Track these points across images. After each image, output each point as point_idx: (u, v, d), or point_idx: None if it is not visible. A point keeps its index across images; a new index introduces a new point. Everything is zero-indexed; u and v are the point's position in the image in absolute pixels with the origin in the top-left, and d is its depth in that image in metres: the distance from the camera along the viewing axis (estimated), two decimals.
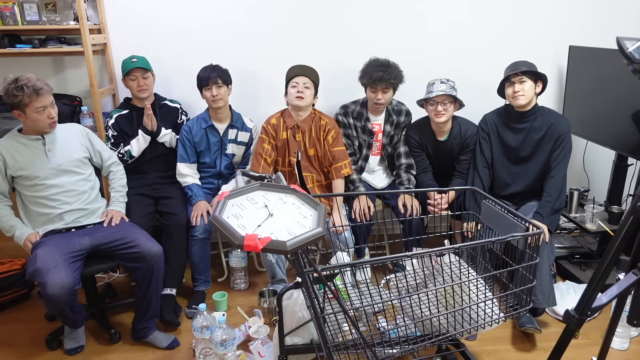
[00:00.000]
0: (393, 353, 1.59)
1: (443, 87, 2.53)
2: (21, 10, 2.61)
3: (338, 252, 2.36)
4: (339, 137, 2.71)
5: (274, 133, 2.68)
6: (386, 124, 2.81)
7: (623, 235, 1.32)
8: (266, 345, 2.26)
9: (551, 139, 2.48)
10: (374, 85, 2.61)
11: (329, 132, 2.67)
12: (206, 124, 2.70)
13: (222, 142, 2.74)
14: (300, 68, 2.61)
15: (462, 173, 2.73)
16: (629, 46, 1.19)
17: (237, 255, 2.78)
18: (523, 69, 2.43)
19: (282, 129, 2.69)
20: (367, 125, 2.79)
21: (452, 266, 1.89)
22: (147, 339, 2.32)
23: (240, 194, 1.41)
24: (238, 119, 2.77)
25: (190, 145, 2.70)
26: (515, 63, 2.49)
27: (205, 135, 2.71)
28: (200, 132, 2.70)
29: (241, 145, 2.79)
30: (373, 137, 2.81)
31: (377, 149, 2.86)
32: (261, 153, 2.67)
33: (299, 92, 2.55)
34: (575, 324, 1.42)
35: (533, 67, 2.46)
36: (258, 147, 2.71)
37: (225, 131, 2.74)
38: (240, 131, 2.77)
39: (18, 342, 2.38)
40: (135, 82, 2.62)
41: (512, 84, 2.46)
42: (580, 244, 3.09)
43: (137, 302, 2.28)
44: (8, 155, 2.16)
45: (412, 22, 3.01)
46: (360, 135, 2.81)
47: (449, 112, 2.58)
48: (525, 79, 2.42)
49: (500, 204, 1.76)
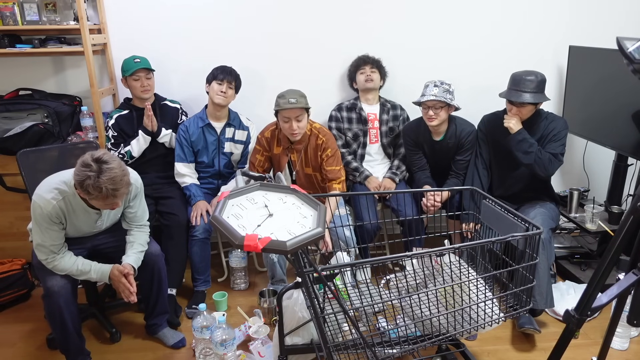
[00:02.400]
0: (393, 353, 1.59)
1: (435, 92, 2.52)
2: (21, 10, 2.61)
3: (338, 252, 2.36)
4: (335, 156, 2.59)
5: (267, 147, 2.65)
6: (382, 113, 2.89)
7: (623, 235, 1.32)
8: (266, 345, 2.26)
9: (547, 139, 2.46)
10: (362, 64, 2.83)
11: (324, 150, 2.58)
12: (203, 122, 2.70)
13: (220, 140, 2.74)
14: (288, 102, 2.40)
15: (457, 173, 2.73)
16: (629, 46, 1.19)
17: (237, 255, 2.78)
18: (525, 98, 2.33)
19: (275, 145, 2.64)
20: (362, 113, 2.87)
21: (452, 266, 1.89)
22: (156, 335, 2.34)
23: (240, 194, 1.41)
24: (235, 117, 2.78)
25: (187, 145, 2.70)
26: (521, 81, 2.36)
27: (202, 134, 2.71)
28: (197, 131, 2.70)
29: (239, 144, 2.79)
30: (368, 125, 2.87)
31: (375, 136, 2.91)
32: (254, 162, 2.69)
33: (294, 130, 2.46)
34: (575, 324, 1.42)
35: (539, 86, 2.36)
36: (252, 155, 2.71)
37: (223, 130, 2.74)
38: (238, 129, 2.77)
39: (18, 342, 2.38)
40: (139, 82, 2.62)
41: (512, 106, 2.42)
42: (580, 244, 3.09)
43: (143, 300, 2.30)
44: (63, 217, 1.97)
45: (412, 22, 3.01)
46: (355, 125, 2.88)
47: (440, 116, 2.57)
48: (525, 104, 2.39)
49: (500, 204, 1.76)
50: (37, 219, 1.92)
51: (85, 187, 1.76)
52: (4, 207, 2.85)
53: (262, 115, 2.98)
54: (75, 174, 1.80)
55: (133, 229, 2.20)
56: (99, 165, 1.76)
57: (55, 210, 1.91)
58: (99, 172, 1.75)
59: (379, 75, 2.86)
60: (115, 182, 1.77)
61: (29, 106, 2.68)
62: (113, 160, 1.81)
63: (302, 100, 2.43)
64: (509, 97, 2.41)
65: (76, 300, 2.06)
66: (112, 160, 1.80)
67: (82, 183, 1.77)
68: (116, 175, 1.77)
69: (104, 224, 2.15)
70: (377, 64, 2.87)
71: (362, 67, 2.84)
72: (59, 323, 2.01)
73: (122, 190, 1.82)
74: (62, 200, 1.92)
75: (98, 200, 1.83)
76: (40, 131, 2.65)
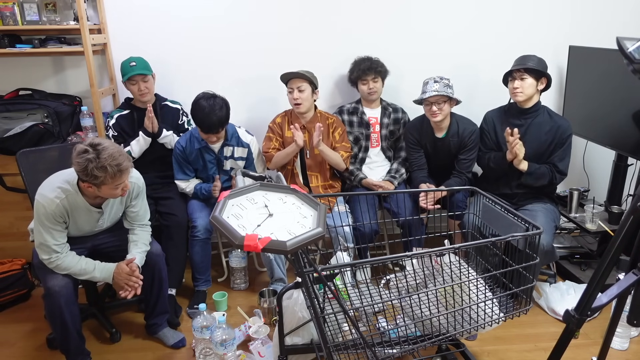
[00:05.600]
0: (393, 353, 1.59)
1: (436, 87, 2.54)
2: (21, 10, 2.61)
3: (338, 252, 2.36)
4: (344, 135, 2.80)
5: (279, 131, 2.74)
6: (384, 117, 2.89)
7: (623, 235, 1.32)
8: (266, 345, 2.26)
9: (553, 141, 2.49)
10: (364, 76, 2.77)
11: (335, 129, 2.77)
12: (199, 144, 2.61)
13: (219, 159, 2.67)
14: (291, 73, 2.63)
15: (459, 172, 2.73)
16: (629, 46, 1.19)
17: (237, 255, 2.78)
18: (527, 65, 2.42)
19: (286, 128, 2.74)
20: (364, 117, 2.87)
21: (452, 266, 1.89)
22: (156, 334, 2.34)
23: (240, 194, 1.41)
24: (232, 135, 2.64)
25: (185, 163, 2.65)
26: (524, 57, 2.50)
27: (199, 154, 2.63)
28: (194, 151, 2.62)
29: (240, 161, 2.71)
30: (370, 129, 2.87)
31: (376, 140, 2.91)
32: (267, 151, 2.73)
33: (296, 99, 2.63)
34: (575, 324, 1.42)
35: (540, 63, 2.45)
36: (264, 146, 2.75)
37: (220, 149, 2.65)
38: (237, 147, 2.67)
39: (18, 342, 2.38)
40: (136, 86, 2.61)
41: (514, 79, 2.47)
42: (580, 244, 3.09)
43: (144, 300, 2.30)
44: (66, 216, 1.99)
45: (413, 25, 3.01)
46: (356, 129, 2.88)
47: (444, 111, 2.59)
48: (527, 76, 2.43)
49: (500, 204, 1.76)
50: (40, 219, 1.92)
51: (90, 172, 1.78)
52: (4, 207, 2.85)
53: (262, 118, 2.98)
54: (75, 164, 1.81)
55: (136, 228, 2.20)
56: (94, 147, 1.80)
57: (58, 209, 1.91)
58: (97, 153, 1.78)
59: (381, 83, 2.83)
60: (115, 157, 1.80)
61: (29, 106, 2.68)
62: (104, 140, 1.85)
63: (306, 73, 2.62)
64: (511, 69, 2.49)
65: (77, 300, 2.06)
66: (103, 141, 1.85)
67: (85, 170, 1.78)
68: (114, 152, 1.81)
69: (105, 223, 2.15)
70: (378, 71, 2.78)
71: (363, 78, 2.78)
72: (59, 323, 2.00)
73: (125, 163, 1.84)
74: (65, 199, 1.93)
75: (107, 184, 1.84)
76: (40, 131, 2.65)
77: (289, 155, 2.68)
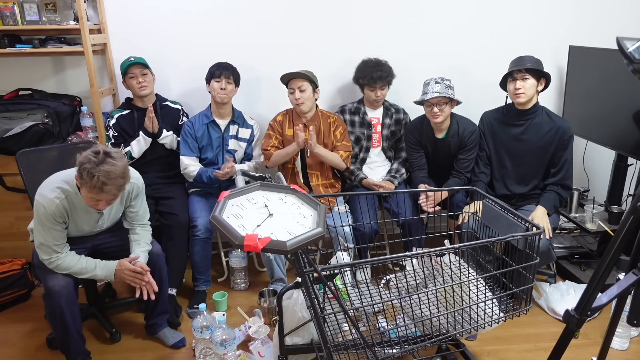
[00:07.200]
0: (393, 353, 1.59)
1: (438, 88, 2.54)
2: (21, 10, 2.61)
3: (338, 252, 2.36)
4: (345, 134, 2.79)
5: (280, 129, 2.76)
6: (385, 117, 2.89)
7: (623, 235, 1.32)
8: (266, 345, 2.26)
9: (553, 143, 2.48)
10: (373, 84, 2.73)
11: (337, 127, 2.78)
12: (208, 119, 2.72)
13: (224, 137, 2.75)
14: (291, 73, 2.64)
15: (459, 172, 2.73)
16: (629, 46, 1.19)
17: (237, 255, 2.78)
18: (527, 65, 2.42)
19: (287, 127, 2.75)
20: (366, 118, 2.87)
21: (452, 266, 1.89)
22: (156, 334, 2.34)
23: (240, 194, 1.41)
24: (239, 116, 2.80)
25: (192, 140, 2.71)
26: (520, 58, 2.49)
27: (207, 130, 2.72)
28: (202, 127, 2.71)
29: (242, 142, 2.80)
30: (371, 129, 2.88)
31: (377, 141, 2.91)
32: (266, 149, 2.74)
33: (297, 99, 2.64)
34: (575, 324, 1.42)
35: (538, 64, 2.45)
36: (264, 143, 2.76)
37: (227, 127, 2.75)
38: (241, 127, 2.79)
39: (18, 342, 2.38)
40: (135, 79, 2.62)
41: (514, 80, 2.46)
42: (580, 244, 3.09)
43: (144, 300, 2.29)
44: (66, 216, 1.99)
45: (413, 25, 3.01)
46: (358, 129, 2.88)
47: (445, 112, 2.59)
48: (528, 77, 2.42)
49: (500, 204, 1.76)
50: (40, 219, 1.92)
51: (82, 169, 1.77)
52: (4, 207, 2.85)
53: (262, 114, 3.00)
54: (81, 155, 1.80)
55: (136, 227, 2.20)
56: (105, 156, 1.78)
57: (58, 209, 1.92)
58: (100, 161, 1.76)
59: (387, 89, 2.81)
60: (110, 177, 1.76)
61: (29, 106, 2.68)
62: (121, 159, 1.81)
63: (306, 72, 2.62)
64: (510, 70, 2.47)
65: (77, 300, 2.06)
66: (120, 159, 1.81)
67: (81, 164, 1.78)
68: (114, 172, 1.77)
69: (105, 223, 2.15)
70: (386, 78, 2.74)
71: (372, 85, 2.73)
72: (59, 323, 2.00)
73: (110, 188, 1.79)
74: (65, 199, 1.93)
75: (86, 189, 1.82)
76: (40, 131, 2.65)
77: (288, 154, 2.68)
